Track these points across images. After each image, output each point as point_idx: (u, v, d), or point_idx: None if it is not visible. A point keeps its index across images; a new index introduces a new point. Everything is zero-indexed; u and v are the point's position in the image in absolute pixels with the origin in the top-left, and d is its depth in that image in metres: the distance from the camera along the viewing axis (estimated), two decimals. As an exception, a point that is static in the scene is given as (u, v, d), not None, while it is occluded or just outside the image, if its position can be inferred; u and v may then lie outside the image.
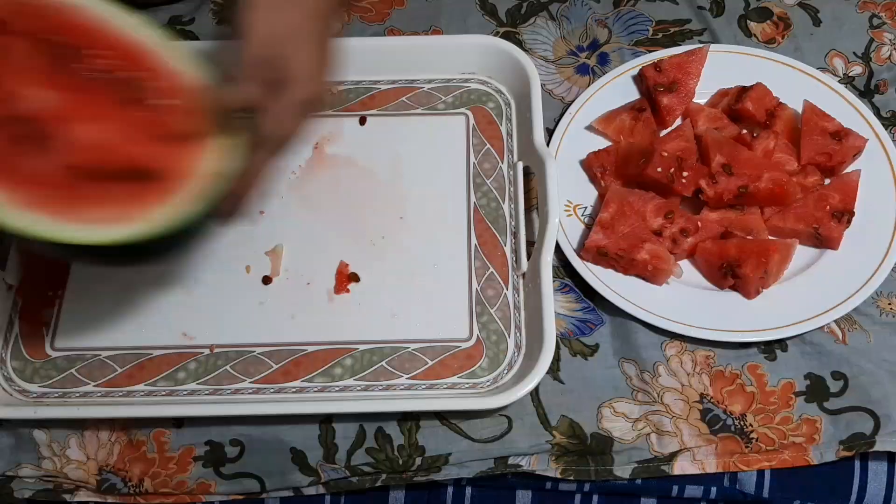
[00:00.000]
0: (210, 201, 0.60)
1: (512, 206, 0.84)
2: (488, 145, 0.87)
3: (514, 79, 0.88)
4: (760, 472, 0.74)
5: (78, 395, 0.76)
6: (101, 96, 0.64)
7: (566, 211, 0.83)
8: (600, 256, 0.79)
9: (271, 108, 0.59)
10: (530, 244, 0.81)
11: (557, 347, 0.76)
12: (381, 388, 0.75)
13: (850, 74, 0.92)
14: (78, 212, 0.60)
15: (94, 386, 0.76)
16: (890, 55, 0.93)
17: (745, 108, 0.85)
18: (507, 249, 0.82)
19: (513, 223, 0.83)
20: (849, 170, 0.84)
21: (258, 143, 0.61)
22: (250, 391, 0.76)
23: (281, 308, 0.79)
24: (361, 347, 0.77)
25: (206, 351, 0.77)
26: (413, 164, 0.86)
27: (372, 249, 0.82)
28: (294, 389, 0.75)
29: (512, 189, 0.85)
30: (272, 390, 0.76)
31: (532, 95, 0.85)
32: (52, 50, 0.65)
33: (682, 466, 0.73)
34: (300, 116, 0.61)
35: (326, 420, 0.75)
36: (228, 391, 0.76)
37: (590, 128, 0.88)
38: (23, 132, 0.62)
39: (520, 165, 0.84)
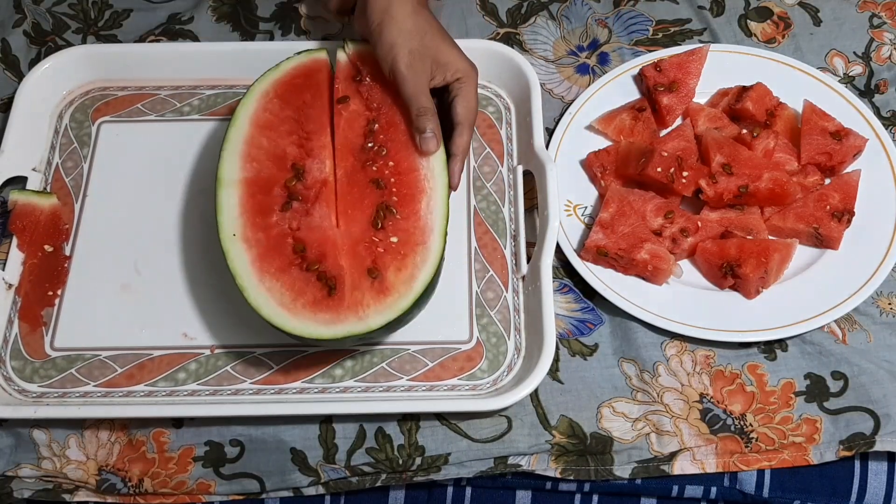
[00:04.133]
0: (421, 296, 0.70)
1: (512, 209, 0.84)
2: (488, 149, 0.87)
3: (513, 83, 0.88)
4: (760, 472, 0.74)
5: (78, 394, 0.76)
6: (362, 202, 0.73)
7: (566, 211, 0.83)
8: (600, 256, 0.79)
9: (458, 99, 0.76)
10: (530, 245, 0.81)
11: (557, 347, 0.76)
12: (381, 389, 0.75)
13: (850, 74, 0.92)
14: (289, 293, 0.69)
15: (94, 386, 0.76)
16: (890, 55, 0.93)
17: (745, 108, 0.85)
18: (507, 252, 0.82)
19: (512, 226, 0.83)
20: (849, 170, 0.84)
21: (459, 130, 0.76)
22: (251, 392, 0.76)
23: (281, 308, 0.79)
24: (362, 349, 0.77)
25: (207, 351, 0.77)
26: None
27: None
28: (295, 390, 0.75)
29: (511, 192, 0.85)
30: (273, 391, 0.75)
31: (532, 100, 0.85)
32: (369, 127, 0.77)
33: (681, 466, 0.73)
34: (475, 94, 0.77)
35: (326, 420, 0.75)
36: (229, 392, 0.76)
37: (590, 127, 0.88)
38: (293, 191, 0.73)
39: (519, 169, 0.84)
